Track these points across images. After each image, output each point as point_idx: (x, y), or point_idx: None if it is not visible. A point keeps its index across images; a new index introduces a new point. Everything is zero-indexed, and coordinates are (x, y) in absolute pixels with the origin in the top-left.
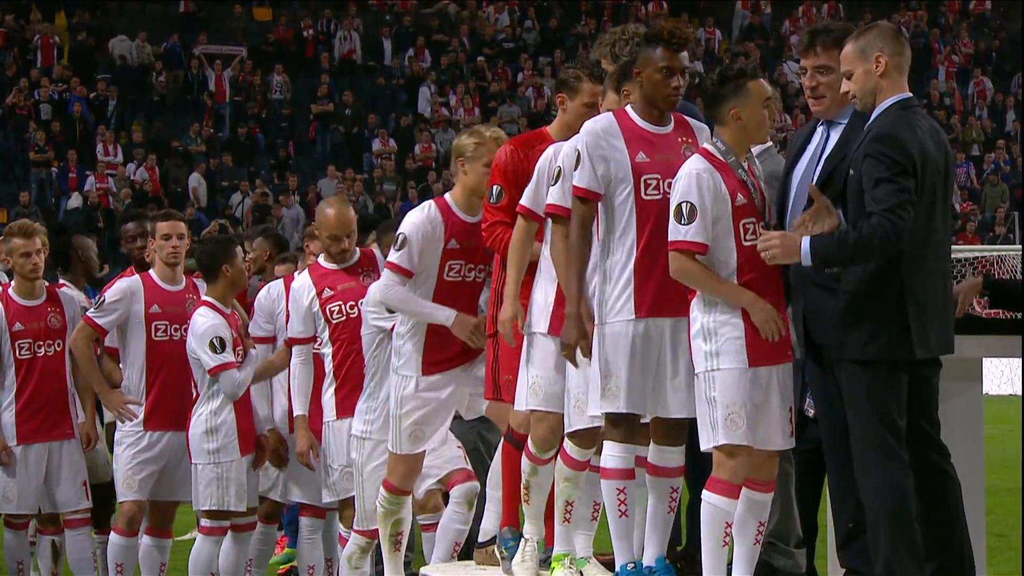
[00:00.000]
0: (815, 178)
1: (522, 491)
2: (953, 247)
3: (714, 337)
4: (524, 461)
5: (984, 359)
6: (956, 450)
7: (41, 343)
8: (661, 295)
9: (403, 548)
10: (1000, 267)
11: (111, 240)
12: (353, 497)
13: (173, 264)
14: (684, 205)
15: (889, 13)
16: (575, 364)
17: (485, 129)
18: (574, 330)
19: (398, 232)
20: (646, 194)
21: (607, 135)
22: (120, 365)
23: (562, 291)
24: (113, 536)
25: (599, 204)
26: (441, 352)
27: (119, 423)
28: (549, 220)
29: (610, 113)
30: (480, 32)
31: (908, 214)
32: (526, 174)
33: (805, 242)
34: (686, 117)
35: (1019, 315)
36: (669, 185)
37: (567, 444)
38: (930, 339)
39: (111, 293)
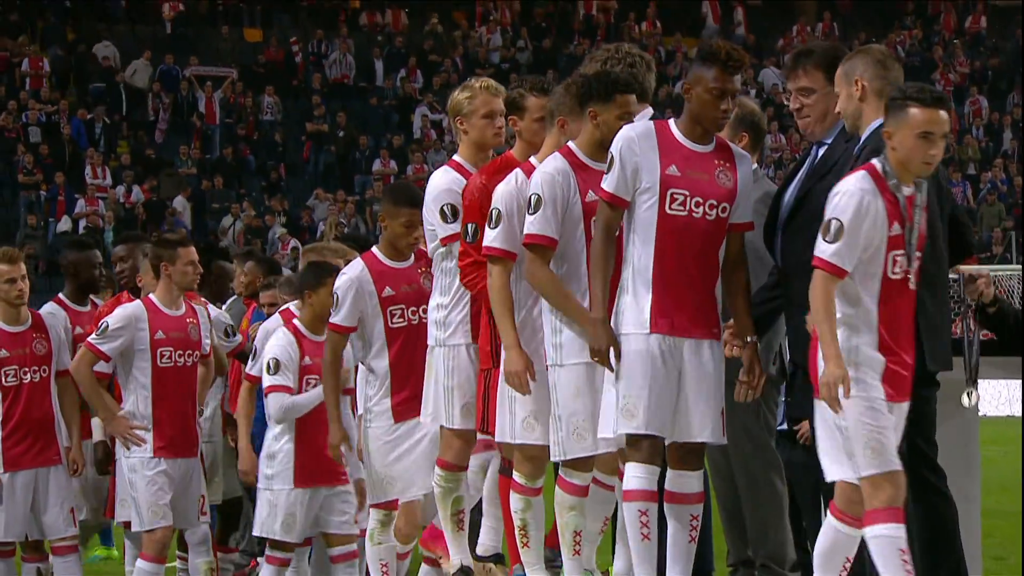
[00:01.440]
0: (792, 196)
1: (518, 533)
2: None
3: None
4: (514, 497)
5: (980, 380)
6: (952, 472)
7: (27, 369)
8: (678, 314)
9: (466, 527)
10: (998, 287)
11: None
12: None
13: (189, 289)
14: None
15: (884, 32)
16: (610, 368)
17: (475, 81)
18: (605, 335)
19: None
20: (671, 208)
21: (642, 141)
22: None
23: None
24: (145, 564)
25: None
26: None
27: (125, 449)
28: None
29: (650, 121)
30: (473, 52)
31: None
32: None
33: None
34: (729, 143)
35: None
36: (696, 204)
37: (566, 472)
38: (938, 354)
39: (114, 320)
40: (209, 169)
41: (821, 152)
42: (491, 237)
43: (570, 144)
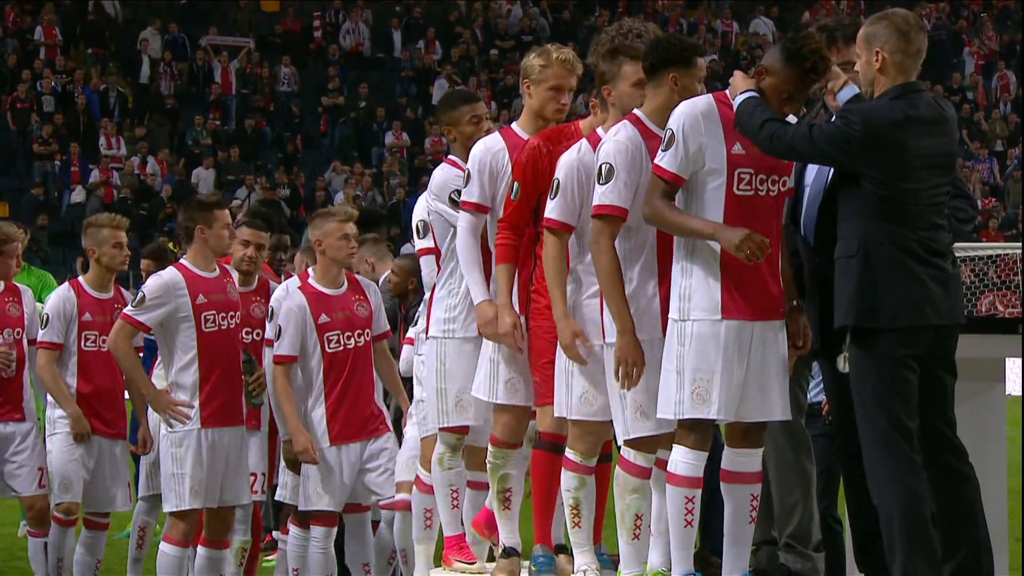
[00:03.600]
0: (825, 177)
1: (569, 512)
2: (974, 244)
3: None
4: (568, 476)
5: (1007, 359)
6: (976, 451)
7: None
8: (748, 297)
9: (515, 506)
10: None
11: None
12: (430, 437)
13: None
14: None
15: (911, 5)
16: (633, 382)
17: (555, 50)
18: (634, 347)
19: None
20: (739, 189)
21: (706, 120)
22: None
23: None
24: (170, 549)
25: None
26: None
27: (165, 427)
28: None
29: (710, 97)
30: (492, 23)
31: (808, 152)
32: (547, 172)
33: (746, 93)
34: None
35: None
36: (761, 181)
37: (628, 453)
38: (924, 308)
39: (151, 289)
40: (225, 140)
41: None
42: (550, 208)
43: (637, 112)
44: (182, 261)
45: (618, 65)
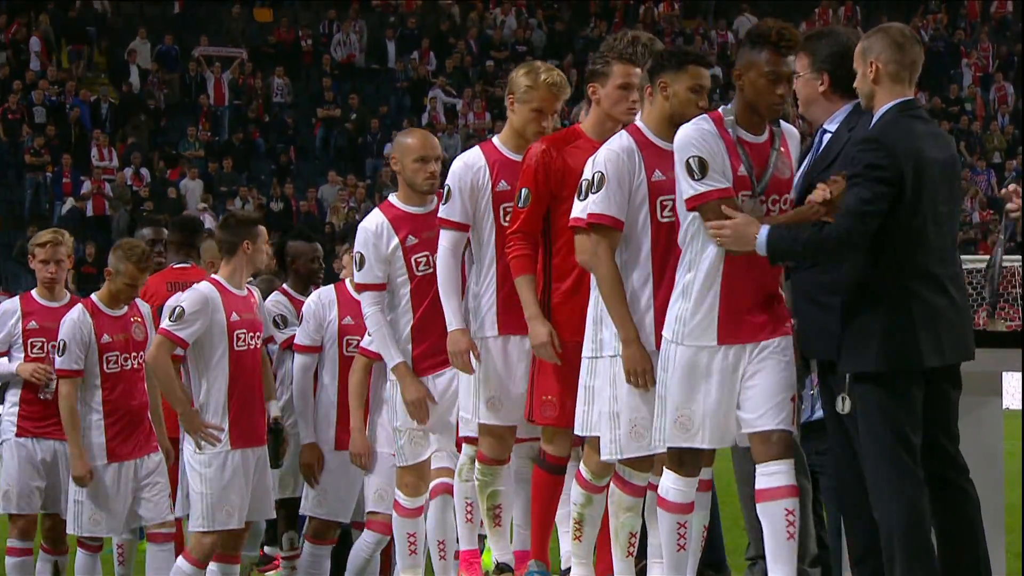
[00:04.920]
0: (799, 186)
1: (573, 525)
2: (971, 257)
3: None
4: (577, 491)
5: (1004, 372)
6: (974, 466)
7: (128, 356)
8: (747, 320)
9: (505, 523)
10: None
11: (108, 245)
12: (406, 466)
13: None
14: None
15: (908, 16)
16: (646, 389)
17: (544, 71)
18: (640, 355)
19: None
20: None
21: (712, 140)
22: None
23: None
24: (187, 567)
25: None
26: (519, 312)
27: (191, 448)
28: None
29: (709, 118)
30: (487, 34)
31: (873, 220)
32: (558, 175)
33: (763, 232)
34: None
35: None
36: (760, 201)
37: (623, 471)
38: (943, 346)
39: (190, 303)
40: (217, 152)
41: (825, 140)
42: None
43: (638, 122)
44: (216, 277)
45: (608, 64)
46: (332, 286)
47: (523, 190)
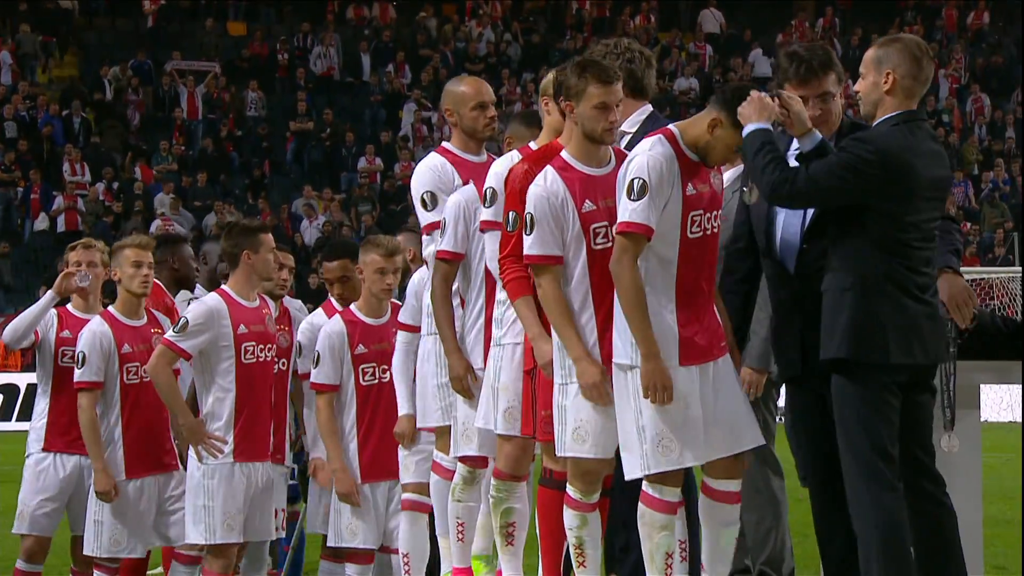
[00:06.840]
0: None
1: (574, 552)
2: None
3: None
4: (569, 514)
5: (982, 385)
6: (953, 479)
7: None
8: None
9: (518, 543)
10: (1001, 290)
11: None
12: (448, 426)
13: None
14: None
15: (884, 27)
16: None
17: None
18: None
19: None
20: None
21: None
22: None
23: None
24: None
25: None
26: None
27: (198, 459)
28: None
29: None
30: (462, 47)
31: (818, 193)
32: None
33: (755, 126)
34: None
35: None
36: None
37: (652, 488)
38: (912, 347)
39: (194, 315)
40: (191, 165)
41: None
42: (528, 244)
43: (673, 128)
44: (224, 288)
45: (584, 83)
46: (339, 317)
47: (511, 213)
